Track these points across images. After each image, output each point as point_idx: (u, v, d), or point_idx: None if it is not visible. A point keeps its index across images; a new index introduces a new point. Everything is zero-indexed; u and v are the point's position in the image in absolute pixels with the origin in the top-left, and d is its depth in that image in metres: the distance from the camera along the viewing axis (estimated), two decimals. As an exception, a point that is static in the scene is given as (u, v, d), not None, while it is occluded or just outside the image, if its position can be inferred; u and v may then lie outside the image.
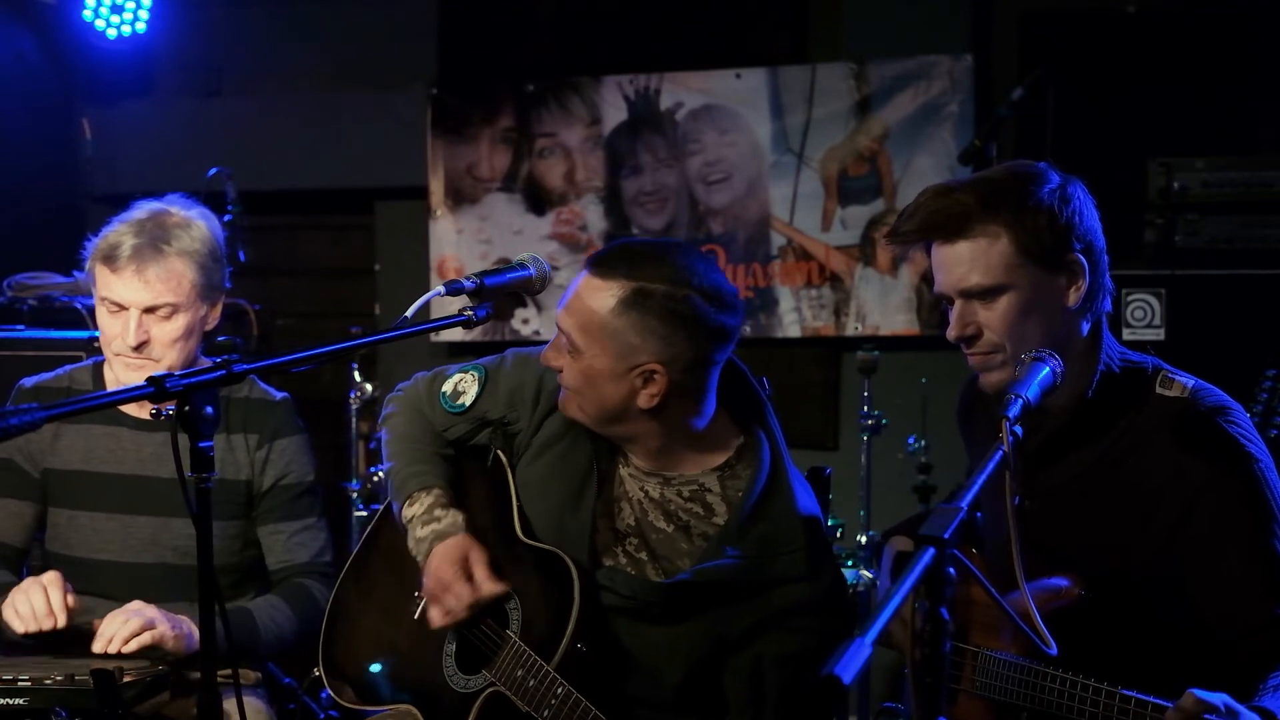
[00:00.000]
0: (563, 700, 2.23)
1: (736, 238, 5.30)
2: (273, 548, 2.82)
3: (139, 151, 5.79)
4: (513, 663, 2.31)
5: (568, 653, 2.26)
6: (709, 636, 2.32)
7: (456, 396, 2.53)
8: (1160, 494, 2.15)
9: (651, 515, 2.39)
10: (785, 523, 2.34)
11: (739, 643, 2.31)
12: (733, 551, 2.30)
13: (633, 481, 2.41)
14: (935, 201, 2.20)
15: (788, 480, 2.38)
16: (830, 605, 2.35)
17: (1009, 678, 2.16)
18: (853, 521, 4.36)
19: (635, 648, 2.34)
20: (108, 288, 2.70)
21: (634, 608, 2.33)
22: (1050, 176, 2.19)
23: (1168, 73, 4.72)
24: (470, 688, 2.36)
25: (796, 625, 2.31)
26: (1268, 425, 3.42)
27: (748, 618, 2.31)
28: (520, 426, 2.50)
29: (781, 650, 2.30)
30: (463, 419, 2.53)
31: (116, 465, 2.79)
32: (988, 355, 2.20)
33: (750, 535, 2.32)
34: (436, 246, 5.62)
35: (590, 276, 2.29)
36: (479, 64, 5.61)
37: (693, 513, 2.38)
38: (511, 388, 2.51)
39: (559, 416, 2.43)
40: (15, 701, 2.31)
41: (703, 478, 2.39)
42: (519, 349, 2.57)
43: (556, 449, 2.45)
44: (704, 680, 2.34)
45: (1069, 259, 2.16)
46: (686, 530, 2.37)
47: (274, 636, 2.70)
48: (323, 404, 4.81)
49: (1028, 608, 1.86)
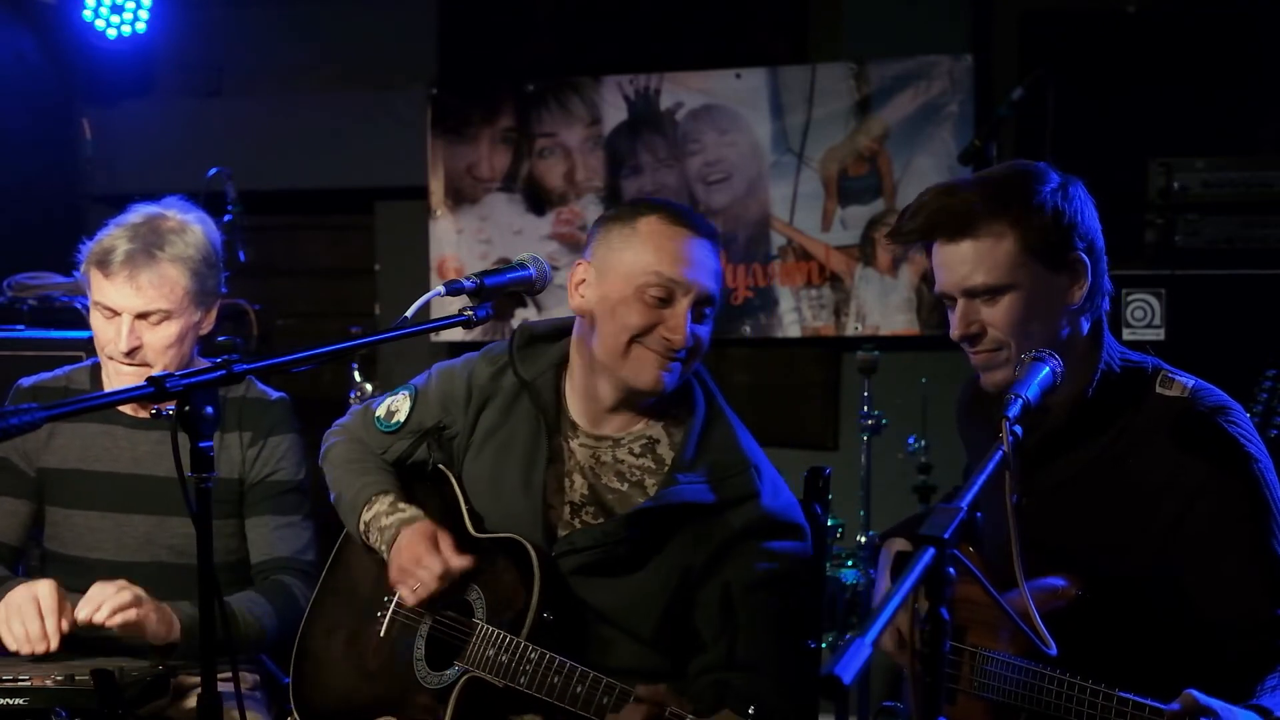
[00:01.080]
0: (537, 663, 2.26)
1: (736, 238, 5.30)
2: (256, 541, 2.82)
3: (139, 151, 5.80)
4: (484, 646, 2.34)
5: (535, 623, 2.30)
6: (676, 572, 2.36)
7: (390, 416, 2.63)
8: (1160, 493, 2.15)
9: (605, 478, 2.45)
10: (730, 448, 2.42)
11: (704, 574, 2.36)
12: (685, 478, 2.37)
13: (583, 450, 2.47)
14: (939, 200, 2.20)
15: (725, 414, 2.48)
16: (789, 529, 2.41)
17: (1008, 678, 2.16)
18: (853, 521, 4.36)
19: (606, 606, 2.38)
20: (101, 292, 2.69)
21: (601, 559, 2.37)
22: (1051, 176, 2.20)
23: (1168, 73, 4.72)
24: (445, 681, 2.39)
25: (758, 550, 2.36)
26: (1268, 425, 3.42)
27: (709, 544, 2.36)
28: (457, 429, 2.57)
29: (748, 577, 2.34)
30: (399, 435, 2.62)
31: (112, 464, 2.79)
32: (992, 353, 2.20)
33: (699, 464, 2.40)
34: (436, 246, 5.62)
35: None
36: (479, 64, 5.61)
37: (645, 468, 2.44)
38: (443, 394, 2.59)
39: (494, 409, 2.52)
40: (15, 701, 2.31)
41: (649, 430, 2.46)
42: (442, 363, 2.65)
43: (497, 438, 2.51)
44: (675, 624, 2.38)
45: (1072, 258, 2.17)
46: (641, 485, 2.43)
47: (254, 632, 2.69)
48: (323, 404, 4.80)
49: (1027, 608, 1.86)
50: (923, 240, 2.23)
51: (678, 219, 2.41)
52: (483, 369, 2.56)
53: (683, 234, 2.38)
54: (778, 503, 2.42)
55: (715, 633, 2.35)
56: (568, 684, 2.23)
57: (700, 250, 2.39)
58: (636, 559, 2.37)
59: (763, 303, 5.28)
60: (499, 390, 2.53)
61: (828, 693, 1.32)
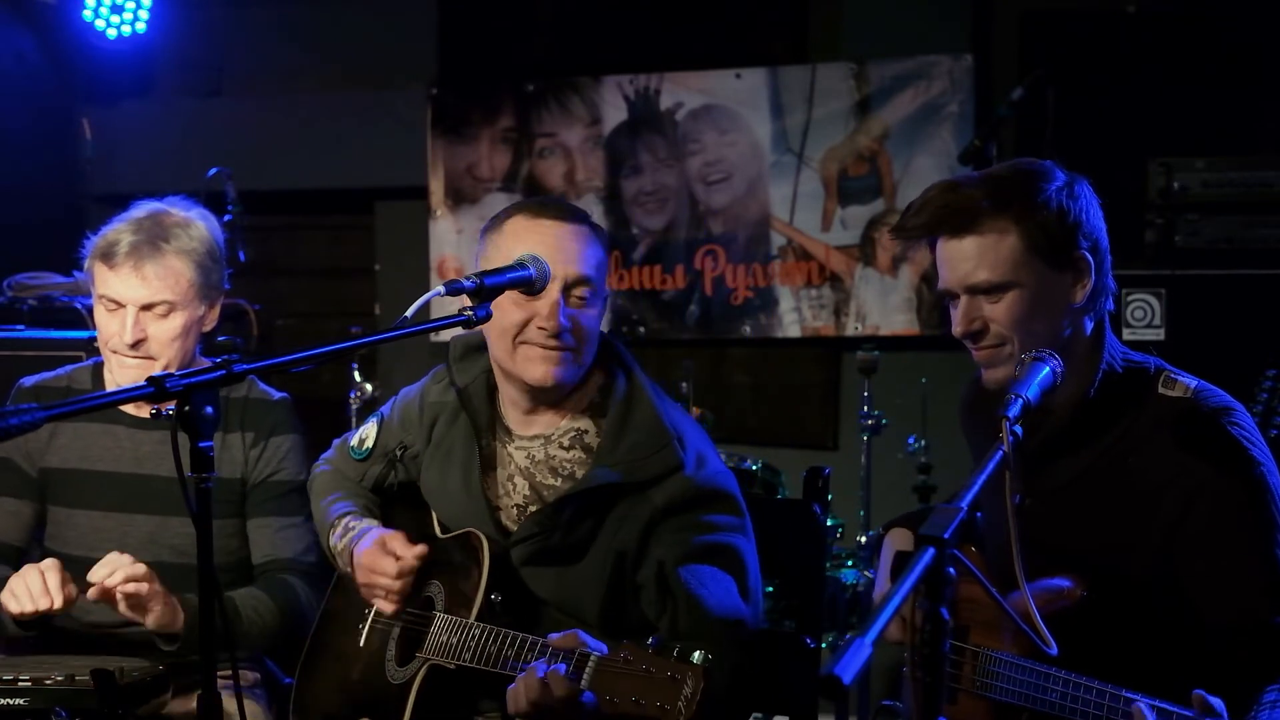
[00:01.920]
0: (479, 638, 2.31)
1: (736, 238, 5.30)
2: (258, 541, 2.82)
3: (139, 151, 5.80)
4: (440, 634, 2.40)
5: (484, 604, 2.36)
6: (610, 556, 2.38)
7: (361, 444, 2.73)
8: (1161, 493, 2.14)
9: (541, 476, 2.48)
10: (649, 427, 2.42)
11: (638, 556, 2.38)
12: (606, 461, 2.40)
13: (519, 454, 2.51)
14: (944, 196, 2.19)
15: (646, 394, 2.47)
16: (715, 498, 2.41)
17: (1009, 678, 2.16)
18: (853, 521, 4.36)
19: (555, 595, 2.43)
20: (105, 285, 2.70)
21: (542, 548, 2.40)
22: (1057, 174, 2.19)
23: (1168, 73, 4.72)
24: (407, 674, 2.44)
25: (686, 522, 2.36)
26: (1268, 425, 3.43)
27: (635, 526, 2.37)
28: (417, 446, 2.64)
29: (679, 552, 2.34)
30: (371, 461, 2.72)
31: (114, 464, 2.79)
32: (994, 350, 2.19)
33: (620, 448, 2.41)
34: (436, 246, 5.62)
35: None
36: (479, 64, 5.62)
37: (576, 460, 2.47)
38: (401, 416, 2.70)
39: (443, 421, 2.58)
40: (15, 701, 2.31)
41: (576, 423, 2.50)
42: (405, 388, 2.74)
43: (442, 447, 2.58)
44: (620, 610, 2.41)
45: (1076, 256, 2.16)
46: (573, 478, 2.46)
47: (256, 628, 2.70)
48: (323, 404, 4.81)
49: (1028, 608, 1.86)
50: (926, 236, 2.23)
51: (539, 211, 2.44)
52: (432, 386, 2.65)
53: (543, 225, 2.41)
54: (703, 473, 2.41)
55: (657, 612, 2.36)
56: (501, 648, 2.27)
57: (564, 236, 2.40)
58: (576, 548, 2.41)
59: (763, 303, 5.28)
60: (445, 405, 2.60)
61: (828, 693, 1.32)
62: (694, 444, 2.45)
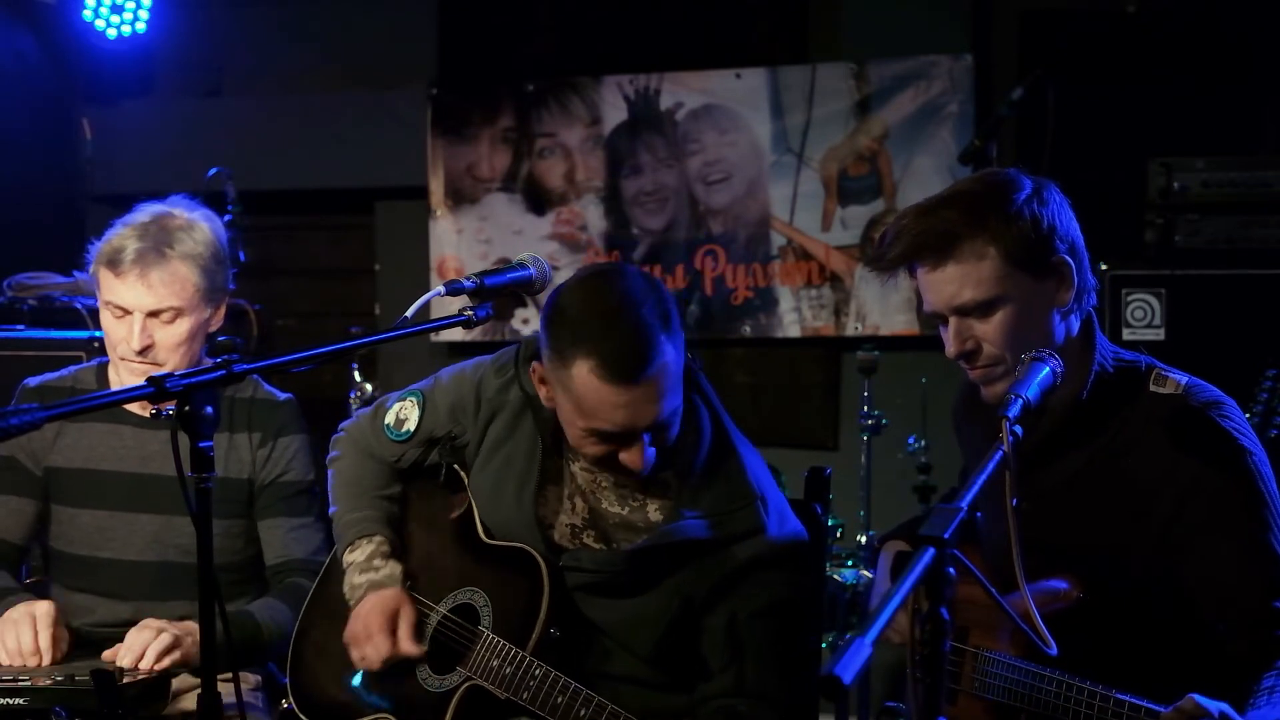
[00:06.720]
0: (541, 680, 2.27)
1: (736, 238, 5.30)
2: (270, 542, 2.83)
3: (139, 151, 5.80)
4: (488, 655, 2.35)
5: (542, 637, 2.31)
6: (676, 600, 2.34)
7: (400, 425, 2.58)
8: (1155, 490, 2.15)
9: (605, 503, 2.42)
10: (737, 480, 2.36)
11: (707, 604, 2.34)
12: (690, 514, 2.33)
13: (583, 473, 2.44)
14: (919, 223, 2.17)
15: (732, 441, 2.41)
16: (794, 556, 2.38)
17: (1009, 678, 2.16)
18: (853, 521, 4.36)
19: (607, 622, 2.38)
20: (112, 292, 2.70)
21: (602, 581, 2.36)
22: (1024, 182, 2.19)
23: (1168, 73, 4.73)
24: (446, 685, 2.39)
25: (764, 579, 2.33)
26: (1268, 425, 3.42)
27: (712, 576, 2.33)
28: (467, 438, 2.53)
29: (755, 605, 2.32)
30: (410, 444, 2.58)
31: (119, 463, 2.79)
32: (989, 369, 2.20)
33: (704, 497, 2.34)
34: (436, 246, 5.62)
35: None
36: (479, 64, 5.62)
37: (648, 490, 2.40)
38: (451, 403, 2.54)
39: (502, 421, 2.48)
40: (15, 701, 2.31)
41: None
42: (452, 368, 2.60)
43: (502, 452, 2.48)
44: (676, 646, 2.36)
45: (1056, 261, 2.16)
46: (643, 509, 2.40)
47: (277, 637, 2.70)
48: (323, 404, 4.81)
49: (1027, 608, 1.86)
50: (905, 264, 2.22)
51: (607, 375, 2.18)
52: (491, 380, 2.50)
53: (613, 392, 2.18)
54: (784, 531, 2.37)
55: (723, 661, 2.33)
56: (571, 706, 2.24)
57: (639, 396, 2.20)
58: (638, 585, 2.35)
59: (763, 303, 5.28)
60: (506, 404, 2.49)
61: (828, 693, 1.32)
62: (775, 502, 2.39)
